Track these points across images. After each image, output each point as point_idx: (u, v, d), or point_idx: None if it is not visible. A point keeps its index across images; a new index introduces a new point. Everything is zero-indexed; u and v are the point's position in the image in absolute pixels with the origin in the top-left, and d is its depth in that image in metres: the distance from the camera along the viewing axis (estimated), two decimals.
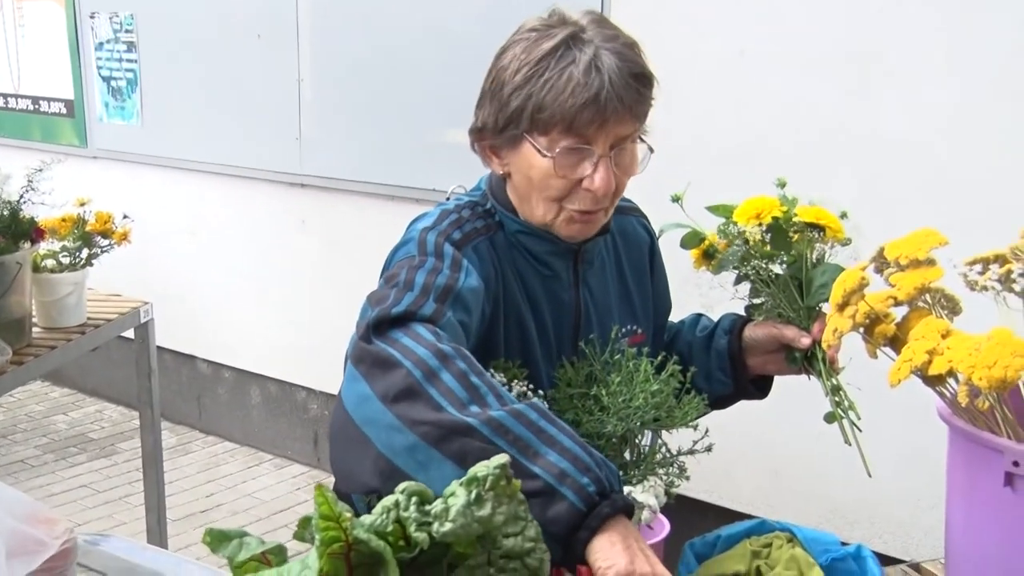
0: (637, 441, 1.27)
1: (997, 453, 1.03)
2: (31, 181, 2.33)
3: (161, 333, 3.33)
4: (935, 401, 1.13)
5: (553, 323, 1.38)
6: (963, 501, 1.11)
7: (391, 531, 0.81)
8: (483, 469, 0.80)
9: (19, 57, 4.42)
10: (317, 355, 3.84)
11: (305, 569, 0.79)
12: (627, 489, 1.16)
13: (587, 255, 1.40)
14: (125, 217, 2.61)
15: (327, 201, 3.68)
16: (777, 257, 1.39)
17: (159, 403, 2.92)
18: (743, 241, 1.40)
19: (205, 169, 3.98)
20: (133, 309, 2.73)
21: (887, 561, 1.42)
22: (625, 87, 1.24)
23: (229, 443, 4.19)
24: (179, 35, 3.92)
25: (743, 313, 1.52)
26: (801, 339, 1.38)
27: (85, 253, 2.55)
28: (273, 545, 0.86)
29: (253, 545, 0.84)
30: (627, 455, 1.27)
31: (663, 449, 1.28)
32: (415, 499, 0.80)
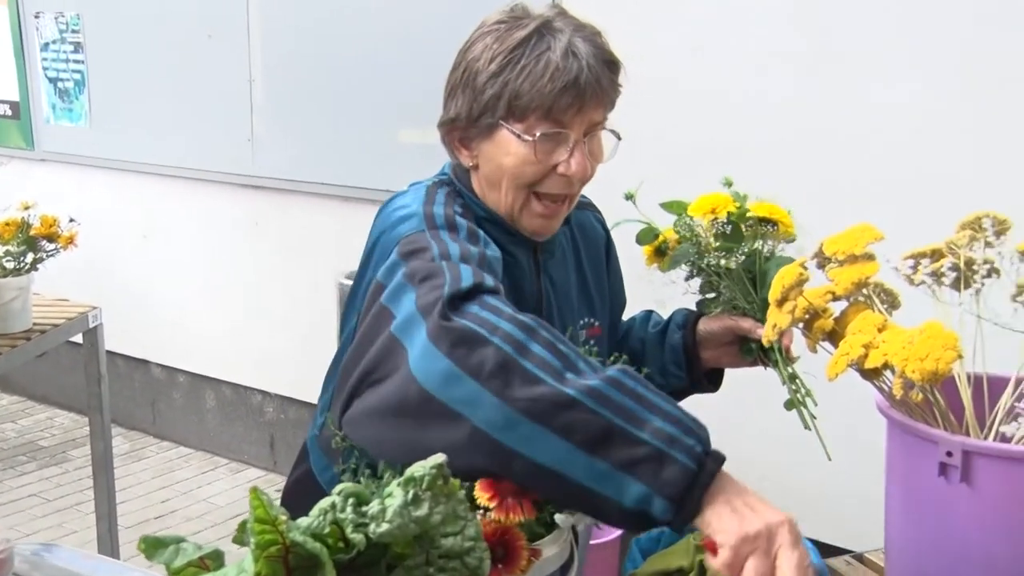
0: None
1: (932, 444, 1.05)
2: None
3: (113, 338, 3.28)
4: (874, 394, 1.15)
5: None
6: (901, 492, 1.13)
7: (328, 533, 0.80)
8: (420, 469, 0.80)
9: None
10: (273, 358, 3.82)
11: (241, 573, 0.79)
12: None
13: (548, 245, 1.41)
14: (71, 221, 2.57)
15: (280, 202, 3.65)
16: (733, 251, 1.41)
17: (109, 409, 2.88)
18: (697, 237, 1.42)
19: (156, 171, 3.93)
20: (81, 314, 2.69)
21: (837, 551, 1.44)
22: (601, 71, 1.27)
23: (184, 448, 4.15)
24: (127, 35, 3.87)
25: (695, 308, 1.53)
26: (757, 330, 1.40)
27: (30, 258, 2.51)
28: (211, 550, 0.85)
29: (190, 551, 0.83)
30: None
31: None
32: (352, 500, 0.80)
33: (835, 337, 1.16)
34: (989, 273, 1.09)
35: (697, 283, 1.48)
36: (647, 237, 1.49)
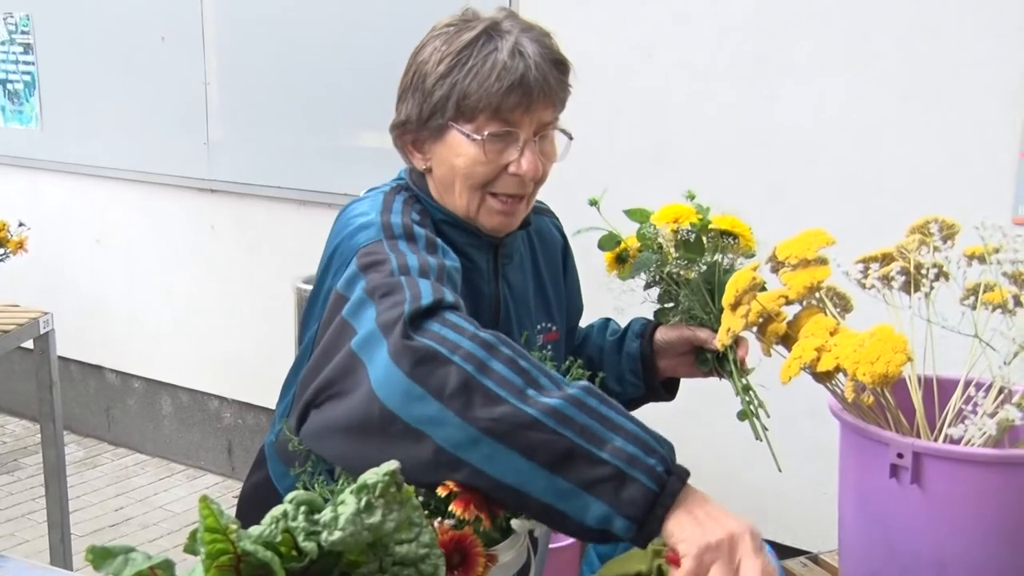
0: None
1: (883, 446, 1.06)
2: None
3: (67, 344, 3.23)
4: (827, 397, 1.16)
5: (473, 315, 1.37)
6: (853, 493, 1.14)
7: (281, 541, 0.80)
8: (372, 476, 0.80)
9: None
10: (230, 363, 3.78)
11: None
12: None
13: (506, 249, 1.41)
14: (21, 225, 2.52)
15: (237, 206, 3.62)
16: (694, 262, 1.42)
17: (62, 416, 2.83)
18: (658, 246, 1.43)
19: (110, 175, 3.88)
20: (32, 320, 2.64)
21: (795, 553, 1.45)
22: (549, 71, 1.28)
23: (140, 455, 4.09)
24: (79, 37, 3.81)
25: (652, 318, 1.54)
26: (713, 341, 1.41)
27: None
28: (161, 560, 0.84)
29: (139, 560, 0.81)
30: None
31: None
32: (304, 508, 0.79)
33: (788, 341, 1.18)
34: (937, 277, 1.11)
35: (655, 292, 1.49)
36: (609, 243, 1.50)
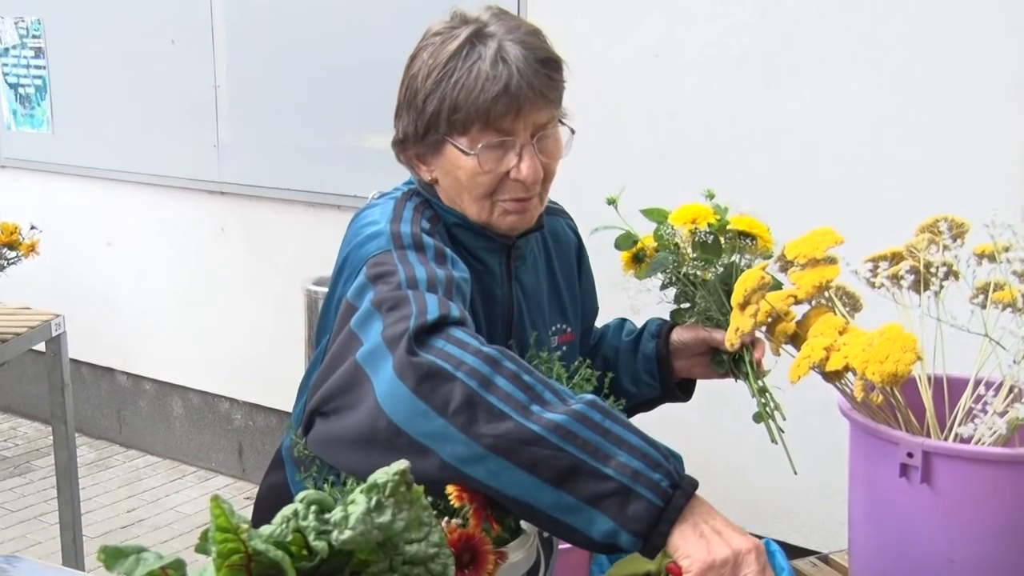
0: None
1: (893, 445, 1.06)
2: None
3: (78, 346, 3.25)
4: (836, 396, 1.16)
5: (486, 318, 1.38)
6: (863, 492, 1.14)
7: (291, 540, 0.80)
8: (383, 475, 0.80)
9: None
10: (240, 365, 3.79)
11: None
12: None
13: (519, 251, 1.40)
14: (33, 228, 2.54)
15: (246, 208, 3.63)
16: (711, 263, 1.42)
17: (74, 418, 2.84)
18: (676, 246, 1.42)
19: (121, 178, 3.89)
20: (44, 322, 2.66)
21: (805, 553, 1.45)
22: (534, 73, 1.26)
23: (151, 457, 4.11)
24: (90, 41, 3.83)
25: (668, 318, 1.54)
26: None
27: None
28: (172, 559, 0.84)
29: (151, 560, 0.82)
30: None
31: None
32: (314, 508, 0.79)
33: (797, 340, 1.18)
34: (947, 276, 1.11)
35: (671, 292, 1.49)
36: (625, 243, 1.49)
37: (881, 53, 2.45)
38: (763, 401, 1.36)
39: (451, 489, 1.02)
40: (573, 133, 1.35)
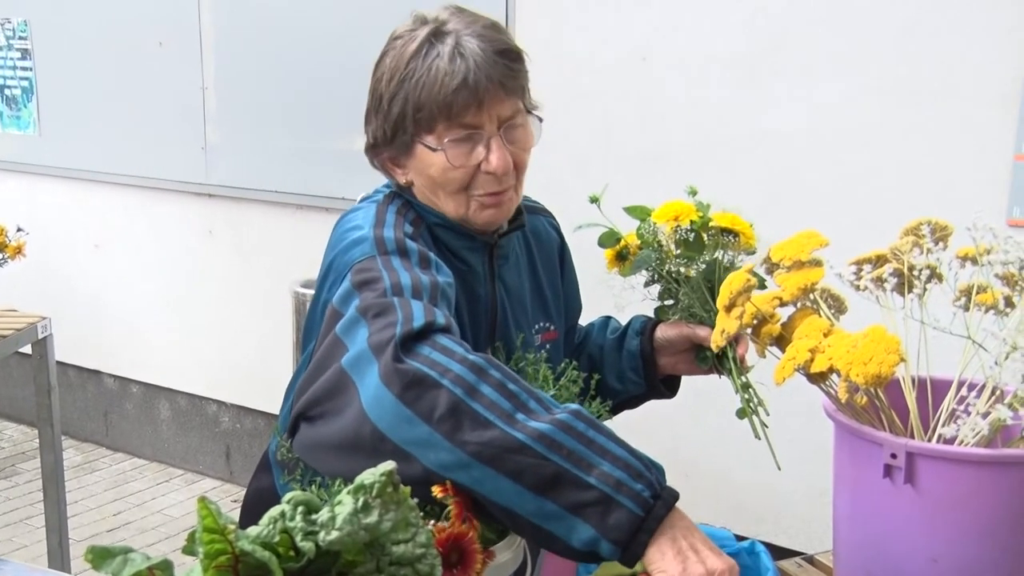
0: None
1: (877, 446, 1.07)
2: None
3: (65, 348, 3.24)
4: (821, 398, 1.17)
5: (470, 318, 1.38)
6: (848, 493, 1.15)
7: (279, 541, 0.80)
8: (370, 476, 0.80)
9: None
10: (228, 367, 3.78)
11: None
12: None
13: (502, 250, 1.41)
14: (20, 230, 2.53)
15: (234, 211, 3.63)
16: (694, 259, 1.43)
17: (60, 420, 2.83)
18: (659, 243, 1.43)
19: (108, 180, 3.88)
20: (30, 324, 2.65)
21: (791, 554, 1.46)
22: (492, 65, 1.27)
23: (138, 459, 4.09)
24: (76, 42, 3.82)
25: (653, 315, 1.55)
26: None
27: None
28: (160, 560, 0.84)
29: (138, 561, 0.82)
30: None
31: None
32: (301, 509, 0.80)
33: (783, 342, 1.18)
34: (930, 278, 1.12)
35: (655, 289, 1.50)
36: (609, 240, 1.50)
37: (868, 56, 2.46)
38: (747, 397, 1.37)
39: (442, 490, 1.02)
40: (541, 121, 1.36)
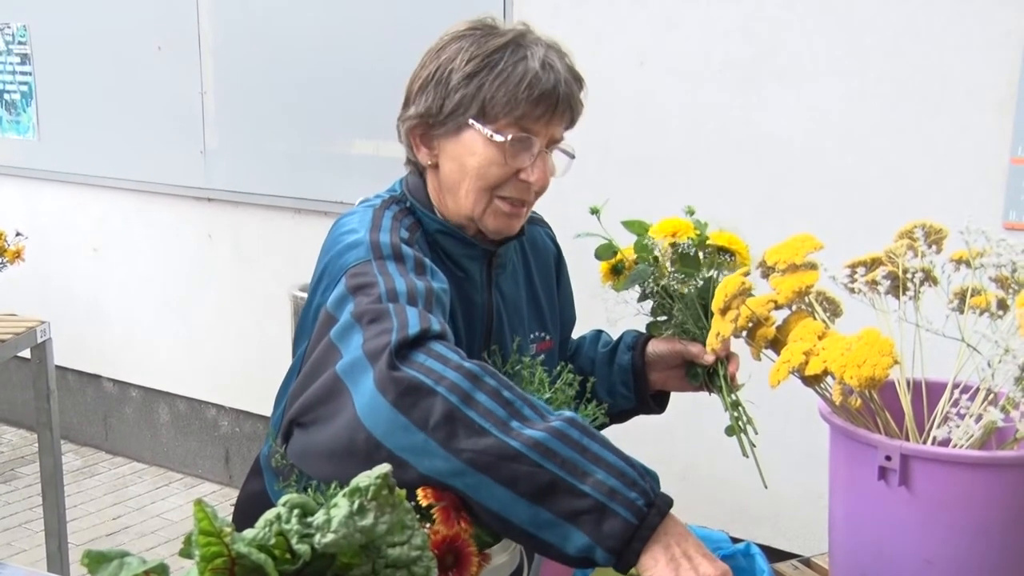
0: None
1: (872, 448, 1.07)
2: None
3: (64, 353, 3.24)
4: (816, 401, 1.17)
5: (465, 325, 1.38)
6: (843, 495, 1.15)
7: (275, 544, 0.81)
8: (365, 479, 0.81)
9: None
10: (227, 371, 3.78)
11: None
12: None
13: (500, 259, 1.41)
14: (19, 235, 2.53)
15: (233, 215, 3.63)
16: (691, 276, 1.43)
17: (59, 425, 2.83)
18: (654, 259, 1.43)
19: (107, 184, 3.89)
20: (29, 329, 2.65)
21: (786, 556, 1.46)
22: (572, 88, 1.32)
23: (137, 463, 4.09)
24: (76, 47, 3.83)
25: (645, 330, 1.55)
26: (705, 356, 1.42)
27: None
28: (156, 564, 0.85)
29: (134, 564, 0.82)
30: None
31: None
32: (297, 511, 0.80)
33: (778, 345, 1.19)
34: (924, 281, 1.12)
35: (648, 304, 1.50)
36: (606, 253, 1.50)
37: (864, 60, 2.47)
38: (735, 415, 1.38)
39: (428, 498, 1.02)
40: (573, 158, 1.38)
